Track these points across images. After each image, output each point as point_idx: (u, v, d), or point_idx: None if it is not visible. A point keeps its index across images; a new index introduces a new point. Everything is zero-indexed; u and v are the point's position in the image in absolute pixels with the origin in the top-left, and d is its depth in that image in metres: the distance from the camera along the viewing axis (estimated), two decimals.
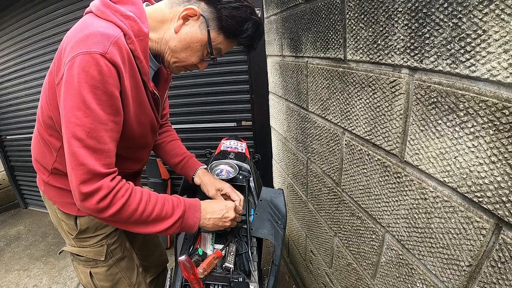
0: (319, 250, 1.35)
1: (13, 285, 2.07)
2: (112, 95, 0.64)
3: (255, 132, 2.12)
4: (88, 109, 0.62)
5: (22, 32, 2.42)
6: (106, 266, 0.96)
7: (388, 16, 0.65)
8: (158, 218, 0.74)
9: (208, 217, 0.84)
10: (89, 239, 0.93)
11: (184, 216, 0.79)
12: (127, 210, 0.69)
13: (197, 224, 0.82)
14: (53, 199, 0.91)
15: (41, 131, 0.82)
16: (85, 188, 0.64)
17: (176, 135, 1.18)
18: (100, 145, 0.65)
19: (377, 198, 0.80)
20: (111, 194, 0.67)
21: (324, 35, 0.97)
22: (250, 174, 1.22)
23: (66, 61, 0.62)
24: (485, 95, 0.46)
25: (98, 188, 0.65)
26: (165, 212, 0.75)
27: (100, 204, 0.66)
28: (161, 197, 0.77)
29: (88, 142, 0.63)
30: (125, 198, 0.69)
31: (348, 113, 0.88)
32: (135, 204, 0.71)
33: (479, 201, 0.50)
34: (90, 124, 0.62)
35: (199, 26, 0.76)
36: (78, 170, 0.63)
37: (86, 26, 0.64)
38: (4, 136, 2.97)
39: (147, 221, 0.73)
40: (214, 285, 0.81)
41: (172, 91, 2.15)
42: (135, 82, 0.71)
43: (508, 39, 0.41)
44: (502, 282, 0.48)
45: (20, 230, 2.82)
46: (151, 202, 0.74)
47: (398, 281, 0.76)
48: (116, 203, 0.68)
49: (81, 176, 0.63)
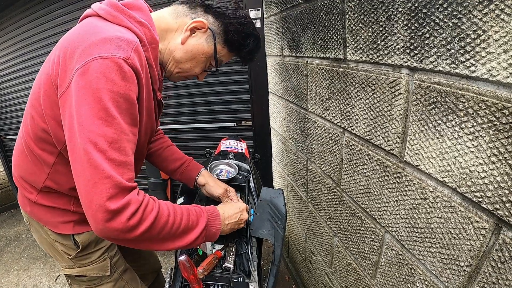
0: (319, 250, 1.35)
1: (13, 285, 2.07)
2: (133, 103, 0.60)
3: (255, 132, 2.12)
4: (110, 117, 0.55)
5: (22, 32, 2.42)
6: (112, 281, 0.90)
7: (388, 16, 0.65)
8: (186, 229, 0.69)
9: (226, 223, 0.82)
10: (90, 255, 0.87)
11: (208, 224, 0.75)
12: (158, 224, 0.62)
13: (219, 231, 0.78)
14: (43, 220, 0.82)
15: (30, 145, 0.73)
16: (113, 204, 0.55)
17: (170, 140, 1.15)
18: (123, 157, 0.58)
19: (377, 198, 0.80)
20: (140, 208, 0.59)
21: (324, 35, 0.97)
22: (250, 174, 1.22)
23: (76, 66, 0.56)
24: (485, 95, 0.46)
25: (128, 203, 0.57)
26: (191, 222, 0.70)
27: (130, 221, 0.57)
28: (184, 207, 0.72)
29: (111, 153, 0.56)
30: (155, 212, 0.62)
31: (348, 113, 0.88)
32: (166, 217, 0.64)
33: (479, 201, 0.50)
34: (112, 134, 0.56)
35: (205, 38, 0.77)
36: (103, 184, 0.54)
37: (99, 30, 0.59)
38: (4, 136, 2.97)
39: (176, 234, 0.67)
40: (214, 285, 0.81)
41: (172, 91, 2.15)
42: (148, 90, 0.68)
43: (508, 39, 0.41)
44: (502, 282, 0.48)
45: (20, 230, 2.82)
46: (178, 213, 0.68)
47: (398, 281, 0.76)
48: (148, 218, 0.60)
49: (107, 191, 0.54)
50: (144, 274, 1.19)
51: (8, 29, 2.50)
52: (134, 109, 0.61)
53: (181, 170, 1.09)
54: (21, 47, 2.48)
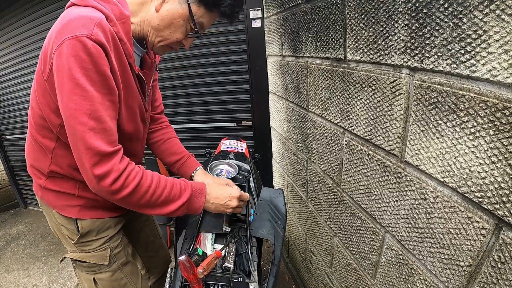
0: (319, 250, 1.35)
1: (13, 285, 2.07)
2: (104, 74, 0.65)
3: (255, 132, 2.12)
4: (85, 91, 0.63)
5: (22, 32, 2.42)
6: (110, 271, 0.95)
7: (389, 16, 0.64)
8: (166, 200, 0.77)
9: (211, 202, 0.87)
10: (91, 242, 0.92)
11: (191, 199, 0.82)
12: (138, 192, 0.72)
13: (202, 207, 0.85)
14: (52, 204, 0.90)
15: (34, 134, 0.82)
16: (97, 170, 0.67)
17: (174, 133, 1.17)
18: (101, 124, 0.66)
19: (377, 198, 0.80)
20: (122, 176, 0.70)
21: (324, 35, 0.97)
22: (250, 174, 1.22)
23: (52, 51, 0.63)
24: (485, 95, 0.46)
25: (109, 170, 0.68)
26: (173, 195, 0.78)
27: (113, 186, 0.69)
28: (170, 180, 0.80)
29: (90, 124, 0.65)
30: (136, 181, 0.72)
31: (348, 113, 0.88)
32: (146, 187, 0.74)
33: (479, 201, 0.50)
34: (89, 106, 0.64)
35: (179, 1, 0.77)
36: (87, 154, 0.66)
37: (68, 15, 0.65)
38: (4, 136, 2.97)
39: (156, 203, 0.76)
40: (214, 285, 0.81)
41: (172, 91, 2.15)
42: (121, 63, 0.73)
43: (509, 39, 0.41)
44: (502, 282, 0.48)
45: (20, 229, 2.82)
46: (160, 185, 0.77)
47: (398, 281, 0.76)
48: (129, 186, 0.71)
49: (91, 159, 0.66)
50: (152, 267, 1.21)
51: (8, 29, 2.50)
52: (107, 80, 0.66)
53: (178, 166, 1.10)
54: (21, 47, 2.48)
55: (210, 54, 1.98)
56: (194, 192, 0.83)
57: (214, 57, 1.98)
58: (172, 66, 2.06)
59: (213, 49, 1.96)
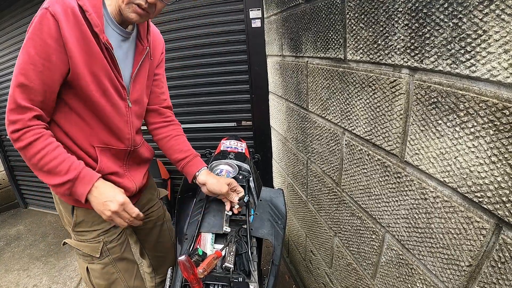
0: (319, 250, 1.35)
1: (13, 285, 2.07)
2: (46, 41, 0.73)
3: (255, 132, 2.12)
4: (27, 53, 0.73)
5: (22, 32, 2.42)
6: (101, 264, 0.96)
7: (389, 16, 0.65)
8: (51, 170, 0.79)
9: (95, 195, 0.83)
10: (86, 233, 0.94)
11: (75, 182, 0.81)
12: (29, 151, 0.77)
13: (85, 196, 0.82)
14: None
15: None
16: (10, 116, 0.76)
17: (181, 130, 1.16)
18: (27, 81, 0.74)
19: (377, 198, 0.80)
20: (22, 130, 0.76)
21: (324, 35, 0.97)
22: (250, 174, 1.22)
23: None
24: (485, 95, 0.46)
25: (16, 120, 0.75)
26: (59, 169, 0.79)
27: (13, 134, 0.76)
28: (64, 156, 0.81)
29: (19, 78, 0.74)
30: (31, 139, 0.76)
31: (348, 113, 0.88)
32: (37, 149, 0.77)
33: (479, 201, 0.50)
34: (23, 65, 0.74)
35: None
36: (10, 99, 0.76)
37: None
38: (4, 136, 2.97)
39: (42, 169, 0.79)
40: (214, 285, 0.81)
41: (172, 91, 2.14)
42: (81, 32, 0.77)
43: (509, 39, 0.41)
44: (502, 282, 0.48)
45: (20, 230, 2.82)
46: (51, 154, 0.79)
47: (398, 281, 0.76)
48: (23, 140, 0.76)
49: (9, 105, 0.76)
50: (159, 267, 1.27)
51: (8, 29, 2.50)
52: (47, 47, 0.74)
53: (183, 164, 1.09)
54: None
55: (210, 54, 1.98)
56: (81, 177, 0.81)
57: (214, 57, 1.98)
58: (172, 66, 2.06)
59: (213, 49, 1.96)
